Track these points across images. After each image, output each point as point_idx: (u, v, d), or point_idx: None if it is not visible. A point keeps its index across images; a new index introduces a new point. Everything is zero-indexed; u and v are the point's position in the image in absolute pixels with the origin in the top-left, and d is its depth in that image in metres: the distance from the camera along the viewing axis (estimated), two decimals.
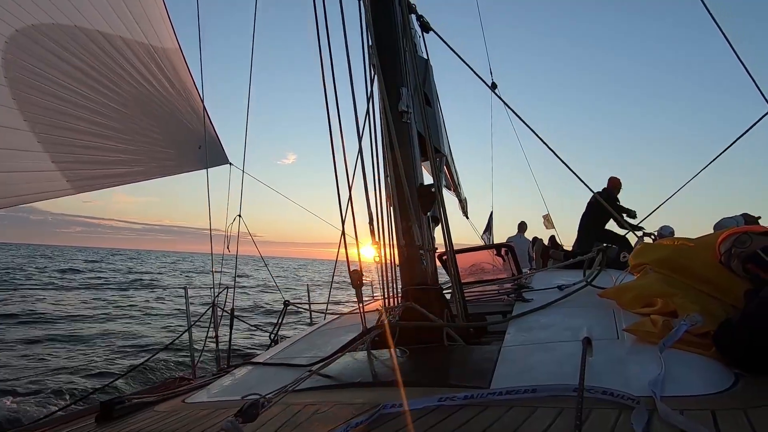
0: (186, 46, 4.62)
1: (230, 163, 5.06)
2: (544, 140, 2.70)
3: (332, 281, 4.34)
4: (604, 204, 4.02)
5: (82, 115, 3.83)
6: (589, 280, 2.50)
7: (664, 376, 1.21)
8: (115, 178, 4.19)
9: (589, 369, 1.29)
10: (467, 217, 8.97)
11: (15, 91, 3.42)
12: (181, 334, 4.91)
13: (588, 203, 6.32)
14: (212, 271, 5.48)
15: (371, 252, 2.23)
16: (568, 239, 8.82)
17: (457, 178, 7.23)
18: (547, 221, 10.27)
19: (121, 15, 3.96)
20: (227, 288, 4.96)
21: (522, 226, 8.73)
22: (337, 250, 2.59)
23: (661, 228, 6.53)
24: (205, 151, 4.70)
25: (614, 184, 6.49)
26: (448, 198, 7.47)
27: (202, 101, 4.73)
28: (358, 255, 2.25)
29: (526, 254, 7.74)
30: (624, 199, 6.39)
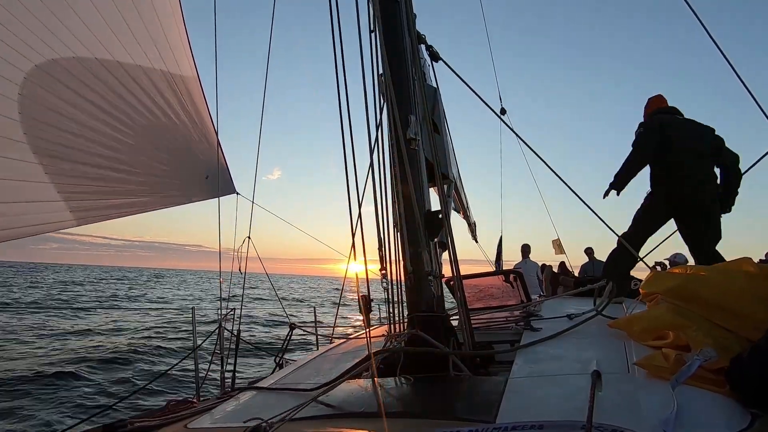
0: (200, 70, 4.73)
1: (237, 193, 5.28)
2: (554, 169, 2.70)
3: (339, 304, 4.31)
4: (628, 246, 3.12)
5: (91, 149, 3.77)
6: (599, 309, 2.46)
7: (676, 414, 1.18)
8: (119, 209, 4.14)
9: (598, 405, 1.25)
10: (476, 241, 8.89)
11: (27, 125, 3.32)
12: (186, 356, 4.88)
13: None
14: (220, 292, 5.50)
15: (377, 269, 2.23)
16: (578, 264, 8.70)
17: (466, 202, 7.23)
18: (557, 246, 10.17)
19: (142, 43, 3.99)
20: (234, 309, 4.95)
21: (525, 250, 8.49)
22: (345, 270, 2.61)
23: (674, 255, 6.42)
24: (211, 180, 4.83)
25: (656, 104, 3.99)
26: (458, 221, 7.45)
27: (216, 131, 4.85)
28: (366, 278, 2.26)
29: (535, 279, 7.63)
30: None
